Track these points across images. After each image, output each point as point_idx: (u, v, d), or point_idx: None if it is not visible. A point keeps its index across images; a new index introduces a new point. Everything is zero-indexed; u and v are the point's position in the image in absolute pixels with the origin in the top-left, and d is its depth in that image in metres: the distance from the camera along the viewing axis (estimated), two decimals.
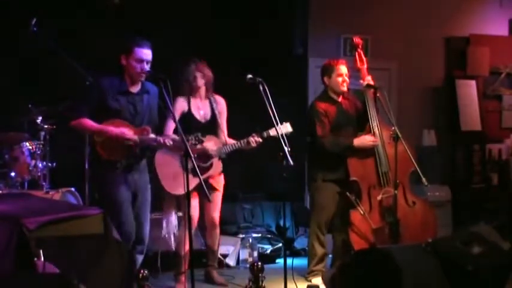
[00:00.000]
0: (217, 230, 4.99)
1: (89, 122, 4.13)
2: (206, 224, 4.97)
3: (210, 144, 4.74)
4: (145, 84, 4.30)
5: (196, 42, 6.24)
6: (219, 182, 4.92)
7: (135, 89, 4.26)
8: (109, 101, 4.15)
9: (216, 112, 4.86)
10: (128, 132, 4.15)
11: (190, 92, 4.83)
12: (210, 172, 4.80)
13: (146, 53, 4.18)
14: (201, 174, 4.53)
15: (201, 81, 4.84)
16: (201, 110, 4.84)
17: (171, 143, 4.21)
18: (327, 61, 5.14)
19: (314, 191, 5.09)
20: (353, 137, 4.90)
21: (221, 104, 4.94)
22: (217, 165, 4.83)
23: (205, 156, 4.74)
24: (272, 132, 4.63)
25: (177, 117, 4.63)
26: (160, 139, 4.21)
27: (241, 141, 4.73)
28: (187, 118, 4.73)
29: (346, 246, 5.01)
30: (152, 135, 4.23)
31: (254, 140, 4.68)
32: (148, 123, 4.29)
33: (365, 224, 4.75)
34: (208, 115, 4.85)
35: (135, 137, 4.15)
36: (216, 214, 4.93)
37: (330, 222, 5.06)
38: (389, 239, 4.71)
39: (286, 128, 4.66)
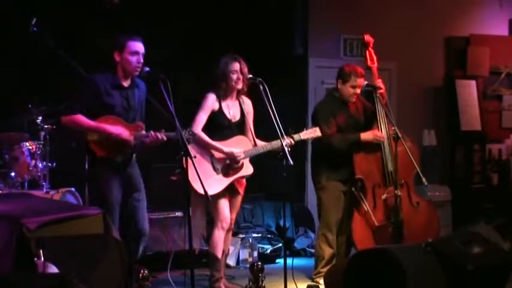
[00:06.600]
0: (230, 234, 4.86)
1: (82, 119, 4.11)
2: None
3: (238, 146, 4.60)
4: (135, 79, 4.31)
5: (196, 42, 6.25)
6: (242, 186, 4.79)
7: (127, 83, 4.27)
8: (103, 97, 4.15)
9: (245, 112, 4.72)
10: (124, 133, 4.14)
11: (229, 90, 4.63)
12: (242, 172, 4.65)
13: (140, 46, 4.21)
14: (233, 175, 4.61)
15: (241, 83, 4.62)
16: (231, 109, 4.68)
17: (164, 138, 4.16)
18: (346, 66, 4.98)
19: (320, 192, 5.02)
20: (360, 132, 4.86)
21: (248, 104, 4.78)
22: (248, 166, 4.67)
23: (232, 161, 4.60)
24: (303, 135, 4.58)
25: (207, 114, 4.57)
26: (153, 134, 4.16)
27: (273, 143, 4.55)
28: (218, 116, 4.61)
29: (348, 245, 5.02)
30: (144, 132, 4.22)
31: (286, 142, 4.42)
32: (140, 119, 4.30)
33: (368, 221, 4.75)
34: (238, 115, 4.70)
35: (131, 138, 4.16)
36: (233, 216, 4.78)
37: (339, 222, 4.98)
38: (392, 239, 4.71)
39: (316, 132, 4.64)
